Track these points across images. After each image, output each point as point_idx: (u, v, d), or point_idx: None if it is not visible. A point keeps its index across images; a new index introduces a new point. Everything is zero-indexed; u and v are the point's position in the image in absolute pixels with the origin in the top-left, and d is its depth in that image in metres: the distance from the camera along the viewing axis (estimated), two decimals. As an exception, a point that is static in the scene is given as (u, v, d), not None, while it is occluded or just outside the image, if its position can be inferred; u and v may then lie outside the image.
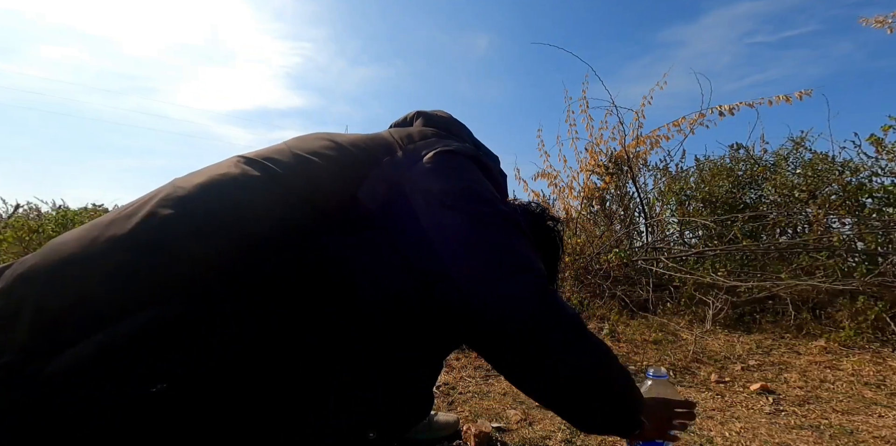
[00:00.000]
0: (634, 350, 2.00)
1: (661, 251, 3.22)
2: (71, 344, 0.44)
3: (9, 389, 0.42)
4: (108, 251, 0.49)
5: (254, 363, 0.48)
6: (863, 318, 2.16)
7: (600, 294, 2.78)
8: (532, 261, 0.59)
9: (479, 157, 0.69)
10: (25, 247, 3.72)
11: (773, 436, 1.18)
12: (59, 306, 0.46)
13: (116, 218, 0.53)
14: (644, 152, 3.87)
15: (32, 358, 0.43)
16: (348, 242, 0.56)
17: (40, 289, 0.47)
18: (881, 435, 1.19)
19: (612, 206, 4.01)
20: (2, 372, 0.42)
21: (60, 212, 4.48)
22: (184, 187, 0.55)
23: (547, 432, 1.16)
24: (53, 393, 0.42)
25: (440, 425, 1.10)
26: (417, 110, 0.81)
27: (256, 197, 0.56)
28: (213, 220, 0.53)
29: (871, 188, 2.88)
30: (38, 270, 0.49)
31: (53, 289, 0.47)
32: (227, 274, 0.50)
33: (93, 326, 0.45)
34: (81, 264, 0.48)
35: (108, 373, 0.43)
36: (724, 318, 2.41)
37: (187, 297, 0.47)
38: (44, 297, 0.46)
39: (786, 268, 2.65)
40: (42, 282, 0.47)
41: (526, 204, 0.90)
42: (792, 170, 3.47)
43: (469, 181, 0.64)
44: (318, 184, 0.59)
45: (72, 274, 0.48)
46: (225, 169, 0.59)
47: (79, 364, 0.43)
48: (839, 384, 1.61)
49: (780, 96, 3.50)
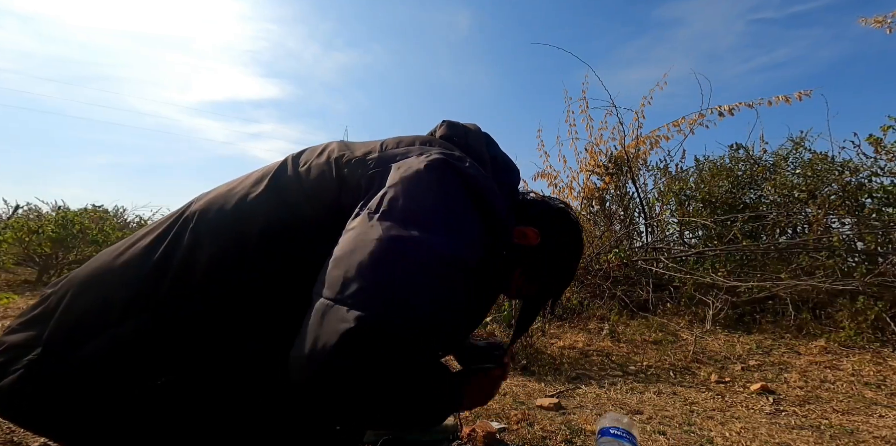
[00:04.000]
0: (634, 350, 2.00)
1: (661, 251, 3.22)
2: (86, 342, 0.50)
3: (33, 380, 0.49)
4: (127, 263, 0.56)
5: (244, 358, 0.52)
6: (863, 318, 2.16)
7: (600, 294, 2.78)
8: (424, 324, 0.47)
9: (459, 168, 0.58)
10: (25, 247, 3.72)
11: (773, 436, 1.17)
12: (82, 308, 0.53)
13: (143, 232, 0.61)
14: (644, 152, 3.88)
15: (51, 353, 0.50)
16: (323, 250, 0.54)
17: (73, 293, 0.55)
18: (881, 435, 1.19)
19: (611, 206, 4.01)
20: (29, 364, 0.50)
21: (60, 213, 4.47)
22: (198, 204, 0.61)
23: (547, 432, 1.16)
24: (70, 385, 0.49)
25: (438, 428, 1.10)
26: (446, 119, 0.75)
27: (259, 207, 0.59)
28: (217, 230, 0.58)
29: (871, 188, 2.88)
30: (78, 276, 0.57)
31: (81, 293, 0.55)
32: (218, 278, 0.54)
33: (103, 326, 0.51)
34: (103, 273, 0.56)
35: (118, 367, 0.49)
36: (724, 318, 2.41)
37: (185, 301, 0.53)
38: (73, 300, 0.54)
39: (786, 268, 2.65)
40: (75, 287, 0.55)
41: (547, 198, 0.81)
42: (791, 170, 3.47)
43: (420, 197, 0.53)
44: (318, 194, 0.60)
45: (96, 281, 0.56)
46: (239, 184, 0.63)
47: (92, 359, 0.49)
48: (839, 384, 1.61)
49: (780, 97, 3.51)
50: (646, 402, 1.41)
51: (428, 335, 0.47)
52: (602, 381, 1.61)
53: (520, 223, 0.71)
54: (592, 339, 2.13)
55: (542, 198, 0.80)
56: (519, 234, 0.71)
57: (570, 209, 0.80)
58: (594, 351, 1.96)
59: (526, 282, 0.75)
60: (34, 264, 3.87)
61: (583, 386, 1.56)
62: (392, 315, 0.45)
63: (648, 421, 1.26)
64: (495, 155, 0.72)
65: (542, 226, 0.73)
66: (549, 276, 0.76)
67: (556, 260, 0.75)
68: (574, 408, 1.34)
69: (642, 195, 3.73)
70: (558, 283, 0.79)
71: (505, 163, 0.73)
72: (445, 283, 0.49)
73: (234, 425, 0.52)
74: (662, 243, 3.49)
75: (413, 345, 0.46)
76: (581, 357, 1.87)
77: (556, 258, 0.75)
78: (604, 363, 1.82)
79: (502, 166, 0.72)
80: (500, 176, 0.70)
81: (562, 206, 0.79)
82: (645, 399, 1.45)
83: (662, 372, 1.73)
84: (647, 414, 1.31)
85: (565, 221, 0.77)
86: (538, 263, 0.73)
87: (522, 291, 0.77)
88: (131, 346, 0.50)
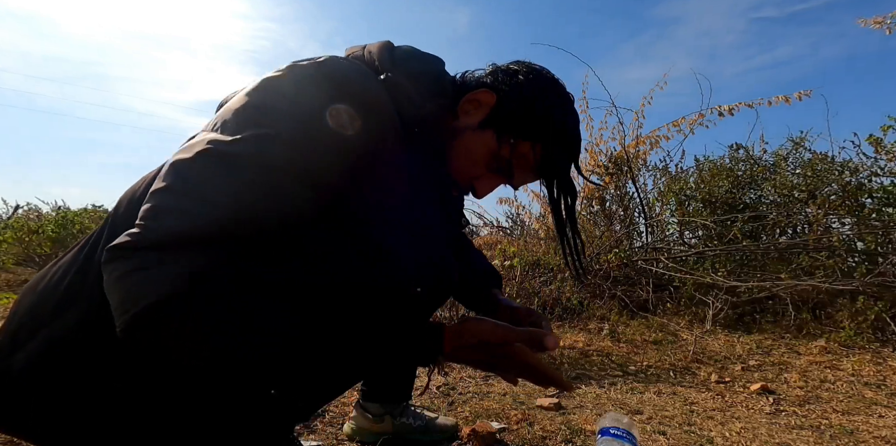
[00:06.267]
0: (634, 350, 2.00)
1: (661, 251, 3.22)
2: (26, 343, 0.51)
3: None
4: (61, 262, 0.57)
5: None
6: (863, 318, 2.16)
7: (600, 294, 2.78)
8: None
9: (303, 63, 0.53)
10: (25, 247, 3.72)
11: (773, 436, 1.17)
12: (24, 310, 0.54)
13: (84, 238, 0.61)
14: (644, 152, 3.87)
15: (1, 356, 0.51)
16: None
17: (20, 296, 0.57)
18: (881, 435, 1.19)
19: (611, 207, 4.01)
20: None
21: (60, 213, 4.47)
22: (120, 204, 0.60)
23: (547, 432, 1.16)
24: (15, 386, 0.50)
25: (438, 427, 1.10)
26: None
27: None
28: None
29: (871, 188, 2.88)
30: (30, 280, 0.59)
31: (25, 295, 0.56)
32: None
33: (39, 326, 0.52)
34: (44, 275, 0.57)
35: (57, 365, 0.50)
36: (724, 318, 2.41)
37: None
38: (18, 303, 0.56)
39: (786, 268, 2.66)
40: (24, 290, 0.57)
41: (506, 66, 0.69)
42: (791, 170, 3.47)
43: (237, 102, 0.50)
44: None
45: (37, 283, 0.57)
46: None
47: (31, 359, 0.50)
48: (839, 384, 1.61)
49: (780, 97, 3.51)
50: (646, 402, 1.42)
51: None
52: (602, 381, 1.61)
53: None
54: (592, 339, 2.13)
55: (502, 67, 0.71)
56: (470, 103, 0.66)
57: (524, 62, 0.71)
58: (594, 351, 1.96)
59: (516, 147, 0.65)
60: (34, 264, 3.87)
61: (583, 386, 1.56)
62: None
63: (648, 421, 1.26)
64: (400, 52, 0.65)
65: (494, 83, 0.67)
66: (536, 126, 0.65)
67: (530, 104, 0.65)
68: (574, 408, 1.34)
69: (642, 195, 3.73)
70: (557, 136, 0.66)
71: (413, 53, 0.66)
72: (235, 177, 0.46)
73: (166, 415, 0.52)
74: (662, 243, 3.49)
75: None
76: (581, 357, 1.88)
77: (530, 101, 0.65)
78: (604, 363, 1.82)
79: (408, 55, 0.65)
80: (409, 65, 0.63)
81: (512, 63, 0.70)
82: (645, 399, 1.45)
83: (662, 372, 1.73)
84: (647, 414, 1.31)
85: (518, 66, 0.69)
86: (511, 115, 0.65)
87: (525, 161, 0.66)
88: (66, 344, 0.50)
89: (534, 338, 0.55)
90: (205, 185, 0.45)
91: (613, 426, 0.82)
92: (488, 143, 0.65)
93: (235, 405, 0.53)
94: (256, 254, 0.48)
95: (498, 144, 0.65)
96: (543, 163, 0.67)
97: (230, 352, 0.44)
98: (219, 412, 0.53)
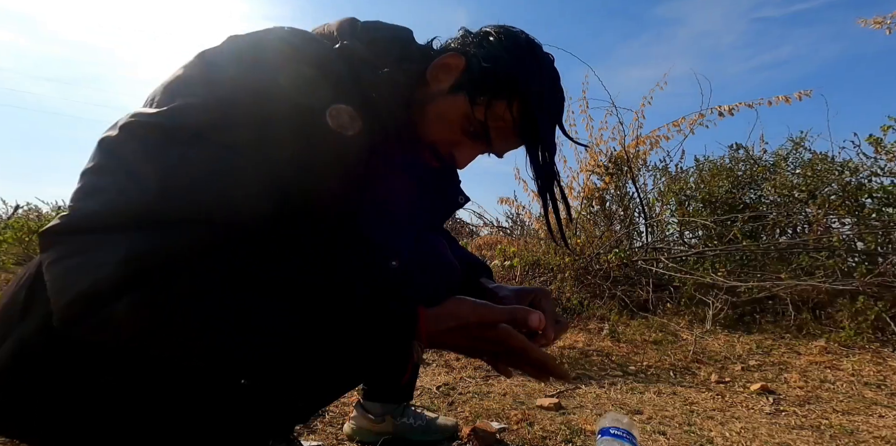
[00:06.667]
0: (634, 350, 2.00)
1: (661, 251, 3.22)
2: (1, 344, 0.50)
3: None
4: (33, 264, 0.55)
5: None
6: (863, 318, 2.16)
7: (600, 294, 2.78)
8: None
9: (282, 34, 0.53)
10: (25, 247, 3.72)
11: (773, 436, 1.17)
12: (1, 310, 0.54)
13: None
14: (644, 152, 3.88)
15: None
16: None
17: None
18: (881, 435, 1.19)
19: (611, 207, 4.01)
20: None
21: (60, 213, 4.47)
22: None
23: (547, 432, 1.16)
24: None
25: (438, 428, 1.10)
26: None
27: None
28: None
29: (871, 188, 2.88)
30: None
31: (3, 296, 0.56)
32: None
33: (11, 326, 0.51)
34: (20, 276, 0.56)
35: (29, 365, 0.49)
36: (724, 318, 2.41)
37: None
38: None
39: (786, 268, 2.66)
40: (3, 291, 0.58)
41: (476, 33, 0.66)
42: (791, 170, 3.48)
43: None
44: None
45: (14, 283, 0.56)
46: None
47: (5, 360, 0.49)
48: (839, 384, 1.61)
49: (780, 97, 3.51)
50: (646, 402, 1.42)
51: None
52: (602, 381, 1.61)
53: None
54: (592, 339, 2.13)
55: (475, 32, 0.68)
56: (439, 68, 0.63)
57: (500, 25, 0.67)
58: (594, 351, 1.96)
59: (491, 108, 0.61)
60: (34, 264, 3.86)
61: (583, 386, 1.56)
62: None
63: (648, 421, 1.26)
64: (364, 24, 0.63)
65: (463, 46, 0.65)
66: (507, 82, 0.61)
67: (499, 60, 0.61)
68: (574, 408, 1.34)
69: (642, 195, 3.73)
70: (533, 92, 0.62)
71: (377, 24, 0.64)
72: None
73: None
74: (662, 243, 3.49)
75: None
76: (581, 357, 1.88)
77: (499, 57, 0.61)
78: (604, 363, 1.82)
79: (370, 26, 0.64)
80: (370, 34, 0.62)
81: (485, 26, 0.67)
82: (645, 399, 1.45)
83: (662, 372, 1.73)
84: (647, 414, 1.31)
85: (490, 28, 0.66)
86: (480, 74, 0.61)
87: (503, 123, 0.63)
88: (35, 345, 0.49)
89: (517, 317, 0.51)
90: (129, 159, 0.43)
91: (613, 426, 0.83)
92: (461, 107, 0.61)
93: (194, 400, 0.51)
94: (229, 244, 0.45)
95: (471, 107, 0.61)
96: (522, 123, 0.62)
97: (186, 343, 0.43)
98: (187, 409, 0.51)
